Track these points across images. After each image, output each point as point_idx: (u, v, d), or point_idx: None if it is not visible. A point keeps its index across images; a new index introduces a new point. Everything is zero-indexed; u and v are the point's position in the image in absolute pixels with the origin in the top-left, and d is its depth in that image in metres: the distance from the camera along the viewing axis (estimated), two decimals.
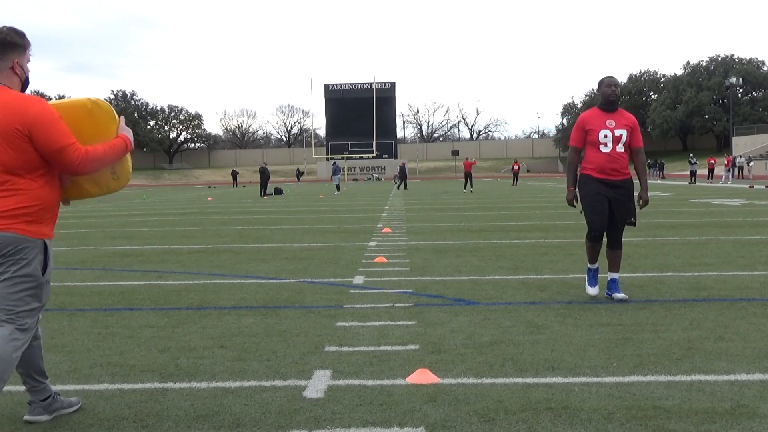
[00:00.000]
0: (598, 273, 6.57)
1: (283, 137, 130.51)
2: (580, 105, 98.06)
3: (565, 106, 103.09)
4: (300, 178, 72.65)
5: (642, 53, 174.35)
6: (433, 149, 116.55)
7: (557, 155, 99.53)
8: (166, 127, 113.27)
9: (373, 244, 11.32)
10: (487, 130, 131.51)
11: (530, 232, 12.86)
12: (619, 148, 6.25)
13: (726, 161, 47.70)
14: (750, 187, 33.37)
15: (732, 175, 46.54)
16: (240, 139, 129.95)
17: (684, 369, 4.25)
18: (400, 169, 45.08)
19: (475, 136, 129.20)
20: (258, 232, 14.23)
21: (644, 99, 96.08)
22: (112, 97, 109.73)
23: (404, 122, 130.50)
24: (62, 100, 3.72)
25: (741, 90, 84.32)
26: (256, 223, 16.48)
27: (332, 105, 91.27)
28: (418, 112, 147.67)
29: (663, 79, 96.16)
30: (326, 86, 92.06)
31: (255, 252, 10.66)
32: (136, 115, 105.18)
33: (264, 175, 35.32)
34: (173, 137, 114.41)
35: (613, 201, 6.27)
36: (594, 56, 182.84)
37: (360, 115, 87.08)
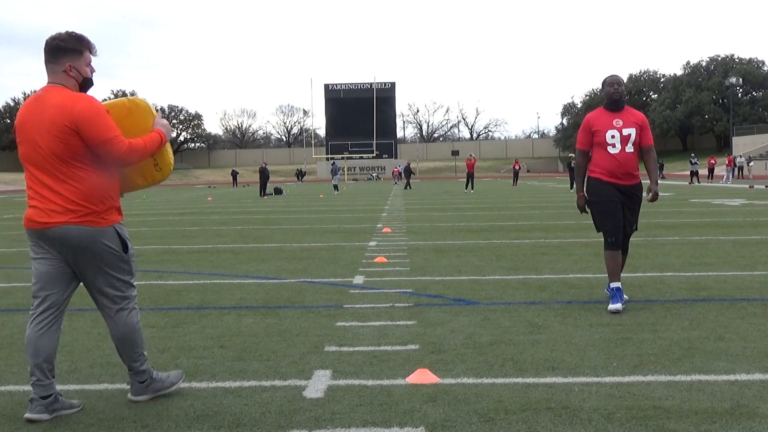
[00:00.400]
0: (623, 292, 5.98)
1: (283, 137, 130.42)
2: (580, 105, 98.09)
3: (565, 106, 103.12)
4: (301, 178, 72.38)
5: (642, 53, 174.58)
6: (433, 149, 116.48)
7: (557, 155, 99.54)
8: None
9: (373, 244, 11.32)
10: (487, 130, 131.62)
11: (530, 232, 12.86)
12: (629, 148, 5.94)
13: (727, 161, 47.70)
14: (750, 187, 33.36)
15: (732, 175, 46.55)
16: (240, 139, 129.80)
17: (684, 369, 4.25)
18: (405, 168, 45.19)
19: (475, 136, 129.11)
20: (258, 232, 14.23)
21: (644, 99, 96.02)
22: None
23: (404, 122, 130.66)
24: (105, 102, 3.93)
25: (741, 90, 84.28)
26: (256, 223, 16.49)
27: (332, 105, 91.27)
28: (418, 112, 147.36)
29: (663, 79, 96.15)
30: (326, 86, 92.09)
31: (255, 252, 10.66)
32: None
33: (264, 175, 35.35)
34: (173, 137, 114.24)
35: (624, 207, 6.04)
36: (594, 56, 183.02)
37: (360, 115, 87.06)
